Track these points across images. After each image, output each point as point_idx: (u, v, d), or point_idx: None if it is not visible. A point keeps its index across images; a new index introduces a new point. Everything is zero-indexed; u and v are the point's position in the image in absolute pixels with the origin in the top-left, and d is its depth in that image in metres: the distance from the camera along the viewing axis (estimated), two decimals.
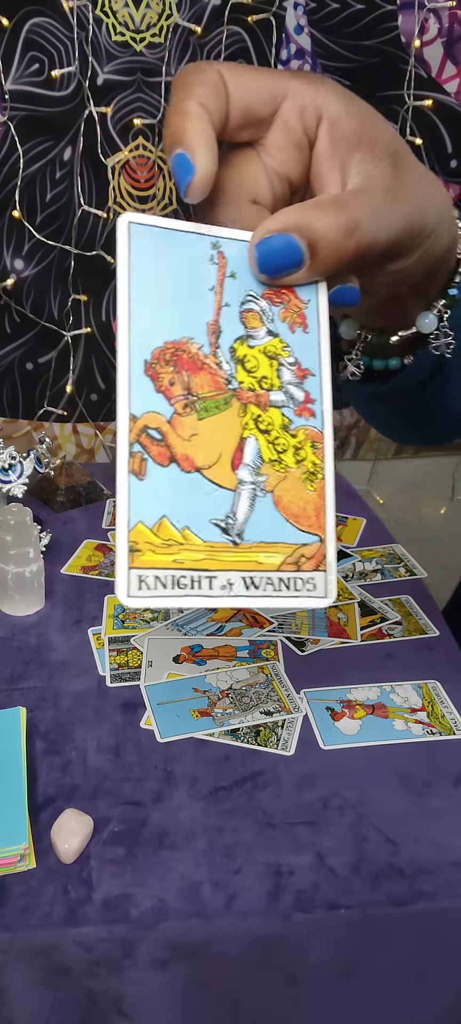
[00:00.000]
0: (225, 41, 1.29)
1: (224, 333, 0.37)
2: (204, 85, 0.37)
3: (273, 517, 0.36)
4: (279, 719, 0.73)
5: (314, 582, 0.36)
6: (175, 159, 0.36)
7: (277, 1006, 0.59)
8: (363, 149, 0.40)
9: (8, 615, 0.90)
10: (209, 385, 0.36)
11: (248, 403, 0.37)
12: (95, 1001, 0.57)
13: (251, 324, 0.37)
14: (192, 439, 0.35)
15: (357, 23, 1.31)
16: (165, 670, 0.80)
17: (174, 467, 0.35)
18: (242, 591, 0.35)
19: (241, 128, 0.39)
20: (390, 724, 0.74)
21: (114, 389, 1.44)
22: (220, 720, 0.72)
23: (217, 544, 0.35)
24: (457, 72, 1.37)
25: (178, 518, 0.34)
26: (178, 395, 0.35)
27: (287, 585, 0.36)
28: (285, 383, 0.37)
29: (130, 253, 0.35)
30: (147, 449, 0.34)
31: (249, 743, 0.72)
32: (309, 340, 0.38)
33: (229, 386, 0.36)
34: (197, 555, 0.35)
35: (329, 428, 0.38)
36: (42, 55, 1.26)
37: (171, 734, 0.72)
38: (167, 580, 0.34)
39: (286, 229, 0.37)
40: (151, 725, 0.73)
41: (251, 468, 0.36)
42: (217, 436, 0.36)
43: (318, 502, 0.37)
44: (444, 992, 0.60)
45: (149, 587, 0.34)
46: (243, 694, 0.75)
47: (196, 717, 0.73)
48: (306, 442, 0.37)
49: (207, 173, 0.36)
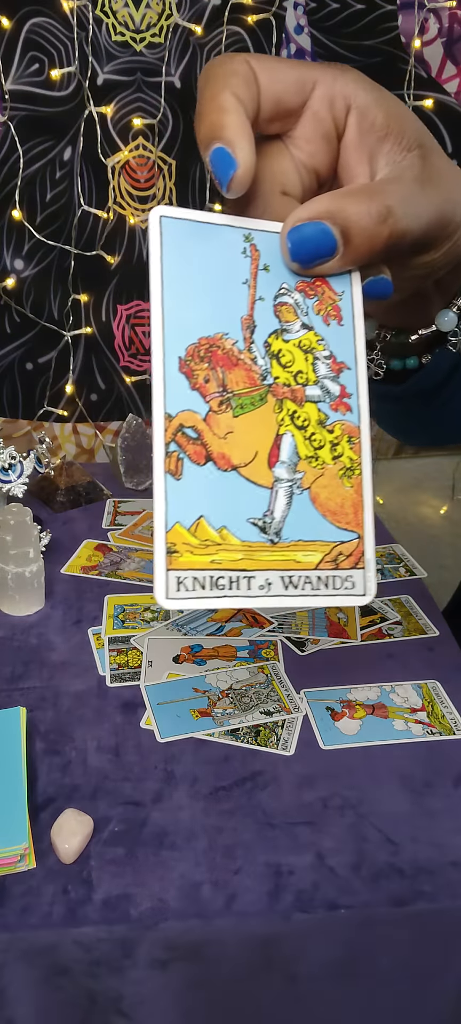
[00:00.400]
0: (225, 41, 1.29)
1: (258, 327, 0.36)
2: (237, 76, 0.37)
3: (310, 515, 0.36)
4: (279, 719, 0.73)
5: (353, 580, 0.36)
6: (215, 153, 0.35)
7: (277, 1006, 0.59)
8: (391, 140, 0.40)
9: (8, 615, 0.90)
10: (244, 381, 0.35)
11: (284, 399, 0.36)
12: (95, 1001, 0.57)
13: (285, 318, 0.37)
14: (228, 437, 0.35)
15: (357, 23, 1.31)
16: (165, 670, 0.80)
17: (211, 466, 0.34)
18: (280, 591, 0.35)
19: (272, 120, 0.39)
20: (390, 724, 0.74)
21: (114, 389, 1.44)
22: (220, 720, 0.72)
23: (255, 543, 0.35)
24: (457, 72, 1.37)
25: (215, 518, 0.34)
26: (213, 392, 0.35)
27: (325, 584, 0.36)
28: (321, 377, 0.37)
29: (162, 247, 0.35)
30: (183, 448, 0.34)
31: (249, 743, 0.72)
32: (344, 333, 0.37)
33: (264, 382, 0.36)
34: (235, 555, 0.34)
35: (366, 422, 0.37)
36: (42, 55, 1.26)
37: (171, 734, 0.72)
38: (205, 581, 0.34)
39: (319, 216, 0.36)
40: (151, 725, 0.73)
41: (288, 465, 0.36)
42: (253, 433, 0.35)
43: (356, 498, 0.37)
44: (444, 992, 0.60)
45: (187, 588, 0.33)
46: (243, 694, 0.75)
47: (196, 717, 0.73)
48: (343, 437, 0.37)
49: (249, 167, 0.35)
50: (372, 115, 0.40)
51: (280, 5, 1.29)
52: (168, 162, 1.35)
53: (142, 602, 0.92)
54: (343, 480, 0.36)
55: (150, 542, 1.05)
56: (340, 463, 0.36)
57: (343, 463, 0.37)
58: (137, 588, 0.95)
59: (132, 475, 1.23)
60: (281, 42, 1.31)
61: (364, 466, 0.37)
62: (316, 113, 0.40)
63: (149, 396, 1.57)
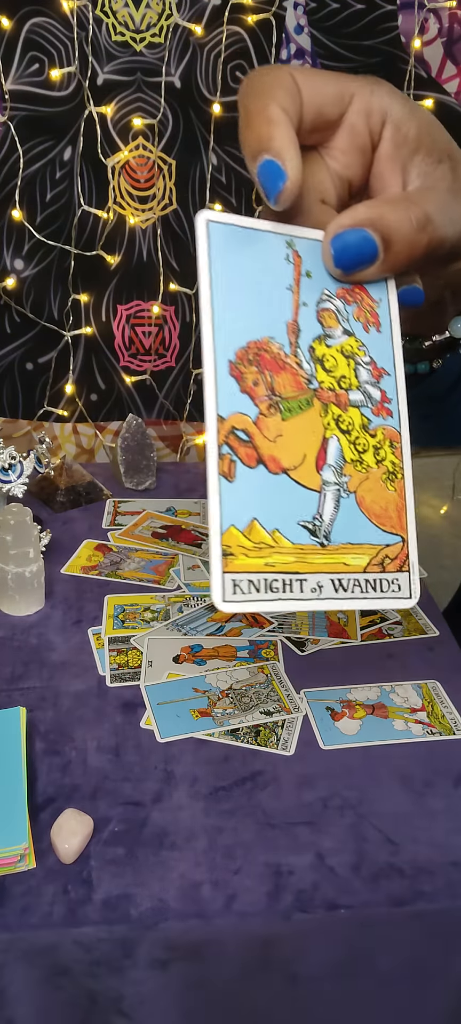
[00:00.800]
0: (225, 41, 1.29)
1: (303, 332, 0.37)
2: (282, 88, 0.37)
3: (357, 518, 0.36)
4: (279, 719, 0.73)
5: (399, 583, 0.36)
6: (264, 166, 0.36)
7: (277, 1006, 0.59)
8: (423, 151, 0.41)
9: (8, 615, 0.90)
10: (291, 385, 0.36)
11: (329, 403, 0.37)
12: (95, 1001, 0.57)
13: (328, 323, 0.37)
14: (277, 440, 0.35)
15: (357, 23, 1.31)
16: (165, 670, 0.80)
17: (262, 469, 0.34)
18: (331, 593, 0.35)
19: (312, 131, 0.40)
20: (390, 724, 0.74)
21: (114, 389, 1.44)
22: (220, 720, 0.72)
23: (306, 546, 0.35)
24: (457, 72, 1.37)
25: (268, 520, 0.34)
26: (262, 395, 0.35)
27: (373, 586, 0.36)
28: (362, 382, 0.38)
29: (210, 252, 0.35)
30: (235, 451, 0.34)
31: (249, 743, 0.72)
32: (383, 339, 0.38)
33: (310, 386, 0.36)
34: (288, 558, 0.34)
35: (406, 427, 0.38)
36: (42, 55, 1.26)
37: (171, 734, 0.72)
38: (260, 584, 0.34)
39: (361, 224, 0.37)
40: (151, 725, 0.73)
41: (335, 469, 0.36)
42: (301, 437, 0.36)
43: (399, 502, 0.37)
44: (444, 992, 0.60)
45: (243, 591, 0.33)
46: (243, 694, 0.75)
47: (196, 717, 0.73)
48: (385, 441, 0.37)
49: (297, 179, 0.36)
50: (406, 128, 0.41)
51: (280, 5, 1.29)
52: (168, 162, 1.35)
53: (142, 602, 0.92)
54: (386, 484, 0.37)
55: (150, 542, 1.05)
56: (383, 467, 0.37)
57: (386, 467, 0.37)
58: (137, 588, 0.95)
59: (132, 475, 1.23)
60: (281, 42, 1.31)
61: (405, 470, 0.38)
62: (353, 126, 0.41)
63: (149, 396, 1.58)
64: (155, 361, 1.45)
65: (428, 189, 0.40)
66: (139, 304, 1.41)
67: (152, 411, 1.47)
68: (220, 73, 1.31)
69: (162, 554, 1.02)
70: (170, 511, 1.15)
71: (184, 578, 0.97)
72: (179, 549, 1.04)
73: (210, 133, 1.33)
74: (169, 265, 1.39)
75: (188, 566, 1.00)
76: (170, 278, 1.40)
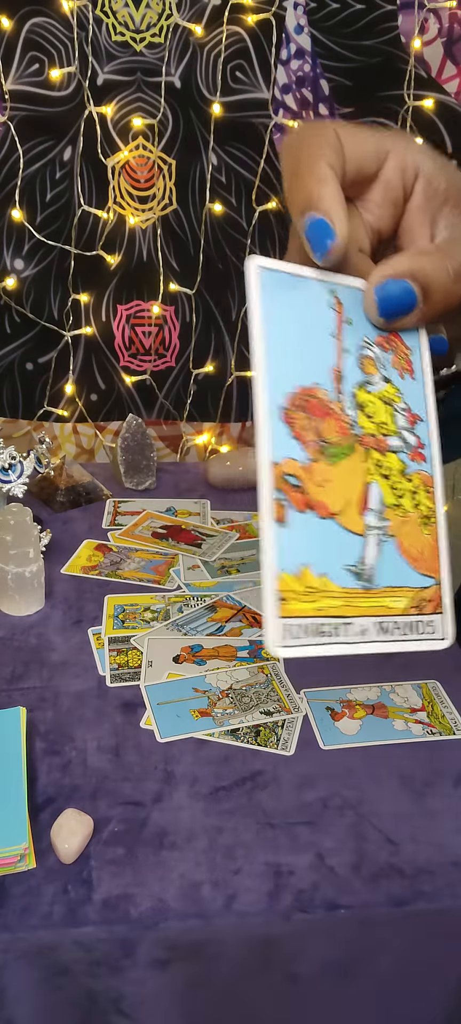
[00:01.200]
0: (225, 41, 1.29)
1: (346, 379, 0.38)
2: (329, 146, 0.39)
3: (397, 561, 0.37)
4: (279, 719, 0.73)
5: (433, 625, 0.37)
6: (313, 224, 0.37)
7: (277, 1006, 0.59)
8: (451, 204, 0.43)
9: (8, 615, 0.90)
10: (336, 431, 0.37)
11: (370, 448, 0.38)
12: (95, 1001, 0.57)
13: (368, 370, 0.38)
14: (325, 485, 0.36)
15: (357, 23, 1.31)
16: (165, 670, 0.80)
17: (311, 513, 0.35)
18: (375, 636, 0.36)
19: (352, 185, 0.42)
20: (390, 724, 0.74)
21: (114, 389, 1.44)
22: (220, 720, 0.72)
23: (352, 590, 0.36)
24: (457, 72, 1.37)
25: (317, 565, 0.35)
26: (311, 440, 0.36)
27: (411, 628, 0.37)
28: (400, 428, 0.39)
29: (261, 298, 0.36)
30: (287, 495, 0.35)
31: (249, 743, 0.72)
32: (416, 386, 0.40)
33: (352, 431, 0.37)
34: (336, 602, 0.35)
35: (439, 472, 0.39)
36: (42, 55, 1.26)
37: (171, 734, 0.72)
38: (310, 628, 0.35)
39: (402, 275, 0.39)
40: (151, 725, 0.73)
41: (376, 513, 0.37)
42: (345, 481, 0.36)
43: (433, 545, 0.38)
44: (444, 992, 0.60)
45: (295, 636, 0.34)
46: (243, 694, 0.75)
47: (196, 717, 0.74)
48: (421, 486, 0.38)
49: (345, 237, 0.37)
50: (436, 182, 0.43)
51: (280, 5, 1.29)
52: (168, 162, 1.35)
53: (142, 602, 0.92)
54: (422, 527, 0.38)
55: (150, 542, 1.05)
56: (419, 511, 0.38)
57: (422, 511, 0.38)
58: (137, 588, 0.95)
59: (132, 475, 1.23)
60: (281, 42, 1.31)
61: (438, 514, 0.38)
62: (389, 180, 0.43)
63: (149, 396, 1.58)
64: (155, 361, 1.45)
65: (458, 240, 0.43)
66: (139, 304, 1.41)
67: (152, 411, 1.47)
68: (220, 73, 1.31)
69: (162, 554, 1.02)
70: (170, 511, 1.15)
71: (184, 578, 0.97)
72: (179, 549, 1.04)
73: (210, 133, 1.33)
74: (169, 265, 1.39)
75: (188, 566, 1.00)
76: (170, 278, 1.40)
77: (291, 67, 1.33)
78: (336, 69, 1.33)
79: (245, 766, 0.70)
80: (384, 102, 1.36)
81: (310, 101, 1.35)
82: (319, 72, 1.34)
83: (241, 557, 1.03)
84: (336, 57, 1.33)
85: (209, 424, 1.49)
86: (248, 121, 1.34)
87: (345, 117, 1.35)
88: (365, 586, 0.36)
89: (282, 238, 1.40)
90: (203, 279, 1.41)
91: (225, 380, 1.47)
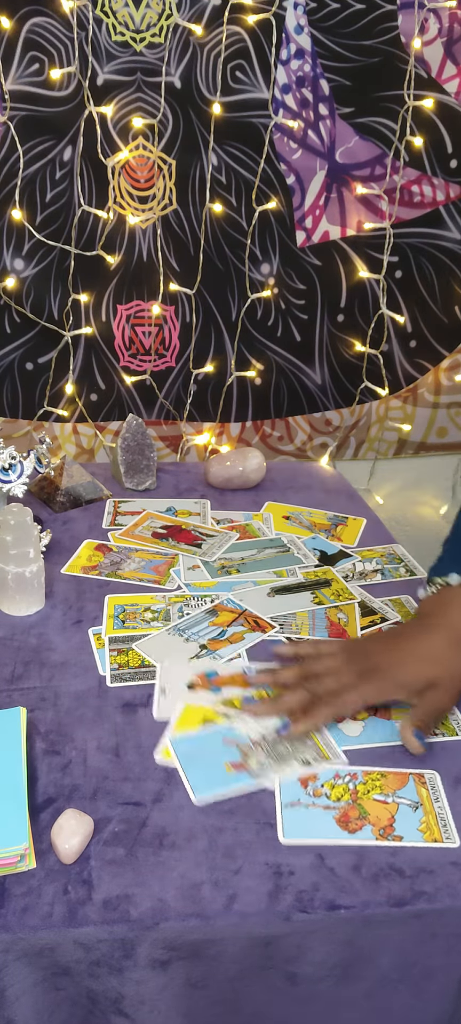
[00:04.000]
0: (225, 41, 1.29)
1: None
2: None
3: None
4: (324, 773, 0.68)
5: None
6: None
7: (277, 1006, 0.59)
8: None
9: (8, 615, 0.90)
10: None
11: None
12: (95, 1001, 0.57)
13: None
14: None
15: (357, 23, 1.31)
16: (179, 698, 0.76)
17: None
18: None
19: None
20: (392, 725, 0.74)
21: (114, 389, 1.44)
22: (257, 775, 0.67)
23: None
24: (457, 72, 1.37)
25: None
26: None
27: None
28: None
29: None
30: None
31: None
32: None
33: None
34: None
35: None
36: (42, 55, 1.26)
37: (206, 793, 0.66)
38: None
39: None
40: (170, 759, 0.69)
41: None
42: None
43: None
44: (444, 992, 0.60)
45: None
46: (276, 742, 0.70)
47: (230, 771, 0.68)
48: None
49: None
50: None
51: (280, 5, 1.29)
52: (168, 162, 1.35)
53: (142, 602, 0.92)
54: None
55: (150, 542, 1.05)
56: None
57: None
58: (137, 588, 0.95)
59: (132, 475, 1.23)
60: (281, 42, 1.31)
61: None
62: None
63: (149, 396, 1.58)
64: (155, 361, 1.45)
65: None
66: (139, 304, 1.41)
67: (152, 411, 1.47)
68: (220, 73, 1.31)
69: (162, 554, 1.02)
70: (170, 511, 1.15)
71: (184, 578, 0.97)
72: (179, 549, 1.04)
73: (210, 133, 1.33)
74: (169, 265, 1.39)
75: (188, 566, 1.00)
76: (170, 278, 1.40)
77: (291, 67, 1.33)
78: (336, 69, 1.33)
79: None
80: (384, 102, 1.36)
81: (310, 101, 1.35)
82: (319, 72, 1.34)
83: (241, 557, 1.03)
84: (336, 57, 1.33)
85: (209, 424, 1.49)
86: (248, 121, 1.34)
87: (345, 117, 1.36)
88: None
89: (282, 237, 1.40)
90: (203, 279, 1.41)
91: (225, 380, 1.47)
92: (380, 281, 1.45)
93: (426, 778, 0.68)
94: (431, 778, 0.68)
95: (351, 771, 0.68)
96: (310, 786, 0.67)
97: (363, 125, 1.37)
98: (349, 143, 1.37)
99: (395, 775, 0.69)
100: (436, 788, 0.67)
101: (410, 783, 0.68)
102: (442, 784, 0.68)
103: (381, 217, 1.42)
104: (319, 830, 0.63)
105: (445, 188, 1.42)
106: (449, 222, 1.44)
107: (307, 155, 1.37)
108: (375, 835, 0.63)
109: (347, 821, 0.64)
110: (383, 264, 1.44)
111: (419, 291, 1.47)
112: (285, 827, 0.63)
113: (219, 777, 0.67)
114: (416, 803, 0.66)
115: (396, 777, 0.68)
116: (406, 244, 1.44)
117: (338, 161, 1.38)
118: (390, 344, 1.49)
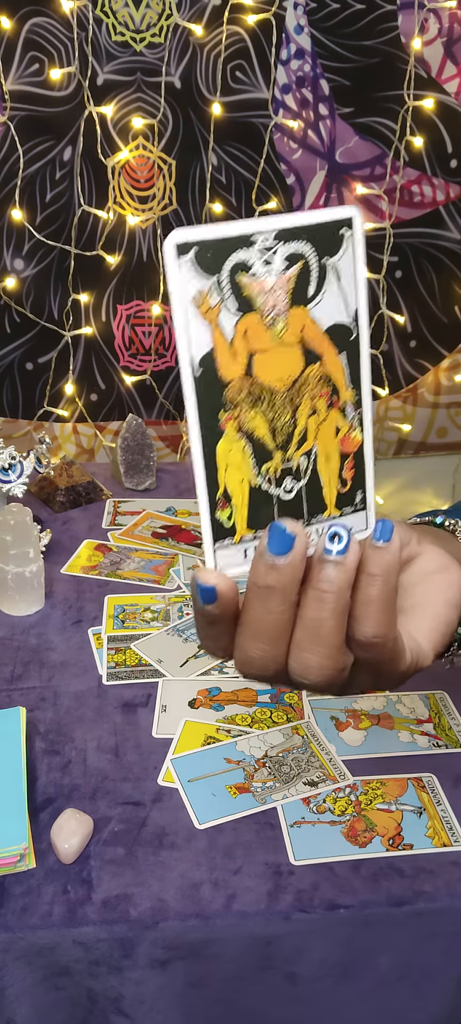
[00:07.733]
0: (225, 41, 1.29)
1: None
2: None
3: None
4: (325, 789, 0.67)
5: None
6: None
7: (277, 1006, 0.59)
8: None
9: (8, 615, 0.90)
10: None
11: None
12: (95, 1001, 0.57)
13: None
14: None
15: (357, 23, 1.31)
16: (181, 716, 0.75)
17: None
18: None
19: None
20: (395, 735, 0.73)
21: (114, 389, 1.44)
22: (261, 796, 0.66)
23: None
24: (457, 72, 1.37)
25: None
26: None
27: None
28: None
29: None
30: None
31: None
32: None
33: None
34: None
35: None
36: (42, 55, 1.26)
37: (210, 818, 0.65)
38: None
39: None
40: (173, 781, 0.68)
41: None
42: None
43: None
44: (444, 992, 0.60)
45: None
46: (281, 762, 0.70)
47: (234, 794, 0.67)
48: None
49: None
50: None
51: (280, 5, 1.29)
52: (168, 162, 1.35)
53: (142, 602, 0.92)
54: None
55: (150, 542, 1.05)
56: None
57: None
58: (137, 588, 0.95)
59: (132, 475, 1.23)
60: (281, 42, 1.31)
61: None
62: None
63: (149, 396, 1.57)
64: (155, 361, 1.45)
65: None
66: (139, 304, 1.41)
67: (152, 411, 1.47)
68: (220, 73, 1.31)
69: (162, 554, 1.02)
70: (170, 511, 1.15)
71: (184, 578, 0.97)
72: (179, 549, 1.04)
73: (210, 133, 1.33)
74: None
75: (188, 566, 1.00)
76: None
77: (291, 67, 1.33)
78: (336, 69, 1.33)
79: None
80: (384, 102, 1.36)
81: (310, 101, 1.35)
82: (319, 72, 1.34)
83: None
84: (336, 57, 1.33)
85: None
86: (248, 121, 1.34)
87: (345, 117, 1.36)
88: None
89: None
90: None
91: None
92: (380, 281, 1.45)
93: (424, 781, 0.68)
94: (429, 780, 0.68)
95: (350, 782, 0.68)
96: (312, 803, 0.66)
97: (363, 125, 1.37)
98: (349, 143, 1.38)
99: (394, 782, 0.68)
100: (436, 791, 0.67)
101: (410, 789, 0.68)
102: (441, 787, 0.68)
103: (381, 217, 1.42)
104: (329, 848, 0.62)
105: (445, 188, 1.42)
106: (449, 222, 1.44)
107: (307, 155, 1.37)
108: (385, 846, 0.62)
109: (355, 835, 0.63)
110: (383, 264, 1.44)
111: (419, 291, 1.47)
112: (294, 847, 0.62)
113: (223, 803, 0.66)
114: (419, 808, 0.65)
115: (396, 784, 0.68)
116: (406, 244, 1.44)
117: (338, 161, 1.38)
118: (390, 344, 1.49)
